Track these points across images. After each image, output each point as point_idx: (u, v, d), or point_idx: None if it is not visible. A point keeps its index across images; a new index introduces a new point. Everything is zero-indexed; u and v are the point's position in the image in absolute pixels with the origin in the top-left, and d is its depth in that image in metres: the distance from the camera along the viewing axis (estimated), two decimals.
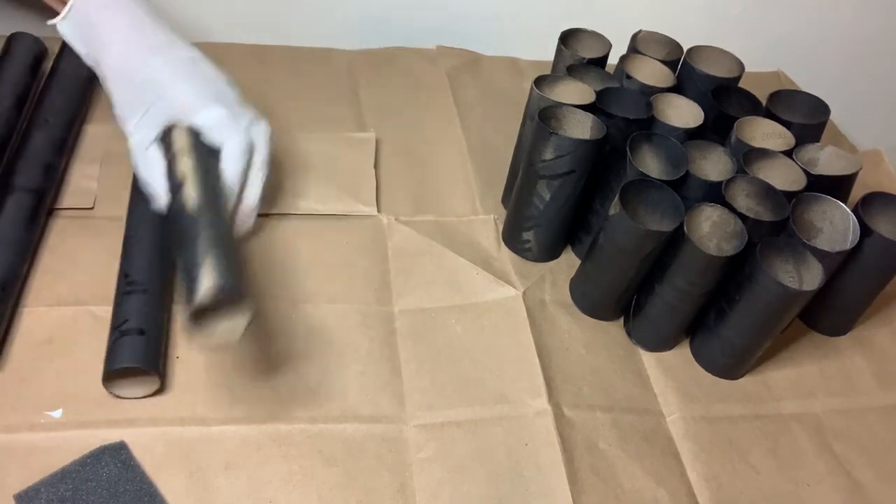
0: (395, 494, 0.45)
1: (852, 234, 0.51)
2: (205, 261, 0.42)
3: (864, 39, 0.94)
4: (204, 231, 0.44)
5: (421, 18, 0.83)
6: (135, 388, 0.47)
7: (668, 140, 0.54)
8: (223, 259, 0.42)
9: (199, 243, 0.43)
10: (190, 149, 0.50)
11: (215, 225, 0.46)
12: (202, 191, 0.48)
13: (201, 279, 0.40)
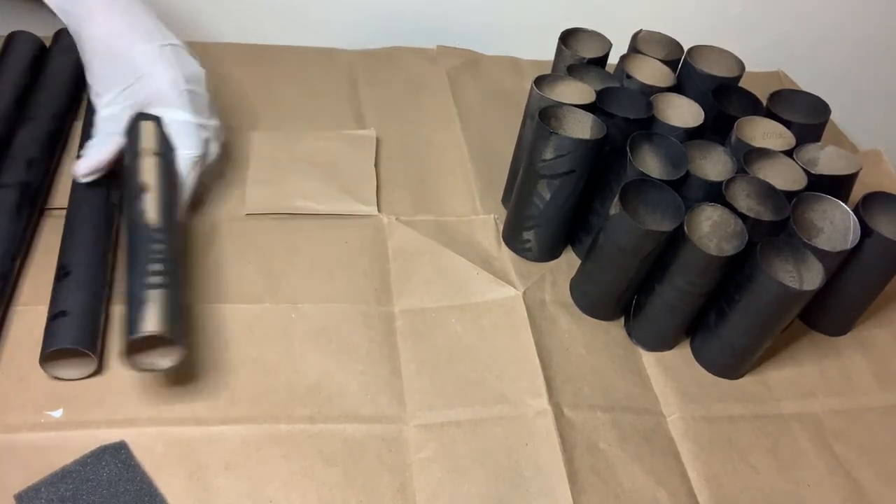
0: (395, 494, 0.45)
1: (853, 234, 0.51)
2: (149, 299, 0.44)
3: (864, 39, 0.94)
4: (154, 257, 0.46)
5: (421, 18, 0.83)
6: (76, 367, 0.47)
7: (668, 140, 0.54)
8: (168, 302, 0.45)
9: (148, 271, 0.46)
10: (156, 152, 0.51)
11: (168, 250, 0.48)
12: (162, 207, 0.49)
13: (144, 319, 0.43)
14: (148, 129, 0.52)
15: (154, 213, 0.49)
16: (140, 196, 0.49)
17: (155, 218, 0.48)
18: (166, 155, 0.52)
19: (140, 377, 0.48)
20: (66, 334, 0.46)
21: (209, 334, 0.51)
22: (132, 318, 0.43)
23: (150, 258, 0.46)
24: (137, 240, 0.47)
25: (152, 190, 0.50)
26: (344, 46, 0.79)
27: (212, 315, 0.52)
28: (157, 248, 0.47)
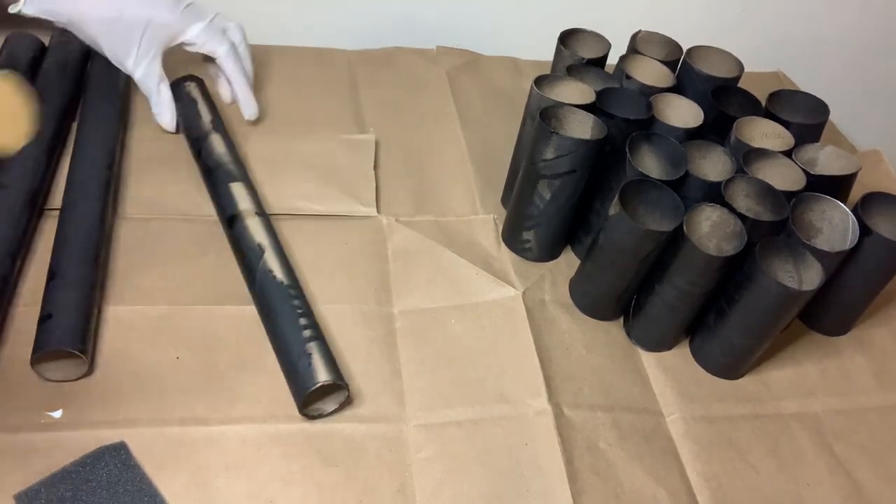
0: (395, 494, 0.45)
1: (852, 234, 0.51)
2: (312, 352, 0.48)
3: (864, 39, 0.94)
4: (299, 312, 0.50)
5: (421, 18, 0.83)
6: (69, 369, 0.47)
7: (668, 140, 0.54)
8: (325, 352, 0.48)
9: (300, 326, 0.49)
10: (256, 212, 0.57)
11: (304, 303, 0.51)
12: (283, 264, 0.53)
13: (316, 371, 0.46)
14: (238, 191, 0.57)
15: (280, 271, 0.52)
16: (262, 256, 0.53)
17: (282, 275, 0.52)
18: (263, 214, 0.57)
19: (140, 377, 0.48)
20: (52, 337, 0.46)
21: (209, 335, 0.51)
22: (302, 372, 0.47)
23: (297, 314, 0.50)
24: (277, 299, 0.51)
25: (269, 248, 0.54)
26: (344, 46, 0.79)
27: (211, 316, 0.52)
28: (296, 303, 0.50)
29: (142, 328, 0.51)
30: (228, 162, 0.60)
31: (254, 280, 0.52)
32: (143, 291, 0.53)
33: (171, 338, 0.51)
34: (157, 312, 0.52)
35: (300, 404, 0.47)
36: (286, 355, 0.48)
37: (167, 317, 0.52)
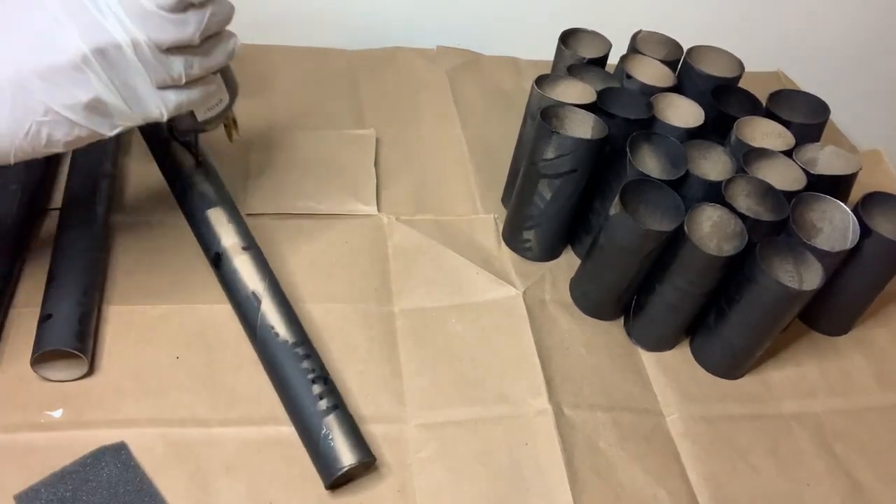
0: (395, 494, 0.45)
1: (852, 234, 0.51)
2: (332, 427, 0.45)
3: (864, 39, 0.94)
4: (311, 377, 0.47)
5: (421, 18, 0.83)
6: (69, 369, 0.47)
7: (668, 140, 0.54)
8: (347, 423, 0.45)
9: (313, 395, 0.46)
10: (243, 246, 0.52)
11: (314, 360, 0.48)
12: (285, 315, 0.49)
13: (340, 453, 0.44)
14: (218, 220, 0.53)
15: (282, 326, 0.48)
16: (259, 308, 0.49)
17: (286, 332, 0.48)
18: (252, 247, 0.52)
19: (140, 377, 0.48)
20: (51, 337, 0.46)
21: (209, 335, 0.51)
22: (326, 455, 0.44)
23: (308, 380, 0.46)
24: (284, 363, 0.47)
25: (266, 297, 0.49)
26: (344, 46, 0.79)
27: (211, 316, 0.52)
28: (306, 366, 0.47)
29: (142, 328, 0.51)
30: (201, 180, 0.55)
31: (255, 335, 0.49)
32: (143, 291, 0.53)
33: (171, 338, 0.51)
34: (157, 312, 0.52)
35: (327, 486, 0.44)
36: (304, 430, 0.46)
37: (167, 317, 0.52)
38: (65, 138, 0.39)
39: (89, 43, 0.37)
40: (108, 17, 0.38)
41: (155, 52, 0.40)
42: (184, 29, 0.41)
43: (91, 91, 0.38)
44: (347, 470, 0.43)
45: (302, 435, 0.46)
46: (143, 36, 0.39)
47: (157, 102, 0.42)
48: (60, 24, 0.37)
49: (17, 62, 0.37)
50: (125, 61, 0.39)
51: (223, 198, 0.55)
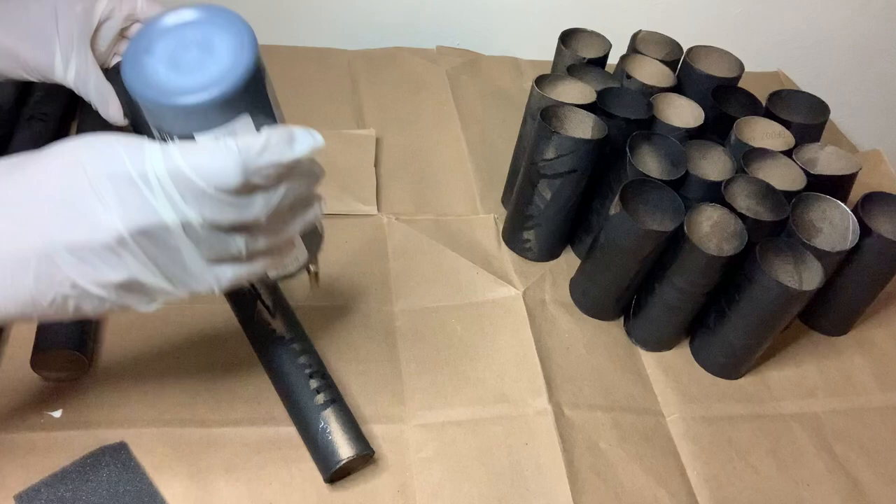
0: (395, 494, 0.45)
1: (852, 234, 0.51)
2: (329, 422, 0.45)
3: (864, 39, 0.94)
4: (308, 372, 0.47)
5: (421, 18, 0.83)
6: (68, 368, 0.47)
7: (668, 140, 0.54)
8: (344, 417, 0.45)
9: (311, 389, 0.46)
10: None
11: (311, 357, 0.47)
12: (282, 312, 0.49)
13: (338, 446, 0.44)
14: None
15: (279, 322, 0.48)
16: (255, 306, 0.48)
17: (283, 328, 0.48)
18: None
19: (140, 377, 0.48)
20: (51, 337, 0.46)
21: (209, 336, 0.51)
22: (324, 448, 0.44)
23: (306, 374, 0.46)
24: (282, 358, 0.47)
25: (263, 292, 0.49)
26: (344, 46, 0.79)
27: (211, 316, 0.52)
28: (303, 361, 0.47)
29: (142, 328, 0.51)
30: None
31: (252, 333, 0.49)
32: None
33: (171, 338, 0.51)
34: (157, 312, 0.52)
35: (326, 479, 0.45)
36: (302, 424, 0.46)
37: (167, 317, 0.52)
38: (94, 311, 0.35)
39: (129, 223, 0.32)
40: (157, 194, 0.32)
41: (210, 231, 0.33)
42: (247, 211, 0.34)
43: (125, 272, 0.33)
44: (345, 463, 0.44)
45: (300, 429, 0.46)
46: (197, 216, 0.32)
47: (208, 279, 0.35)
48: (101, 199, 0.32)
49: (46, 233, 0.32)
50: (172, 240, 0.33)
51: None
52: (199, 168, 0.31)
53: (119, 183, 0.31)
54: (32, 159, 0.32)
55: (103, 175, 0.31)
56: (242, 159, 0.32)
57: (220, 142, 0.32)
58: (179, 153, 0.31)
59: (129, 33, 0.56)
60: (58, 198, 0.32)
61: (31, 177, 0.32)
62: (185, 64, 0.33)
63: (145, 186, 0.31)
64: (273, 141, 0.33)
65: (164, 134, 0.34)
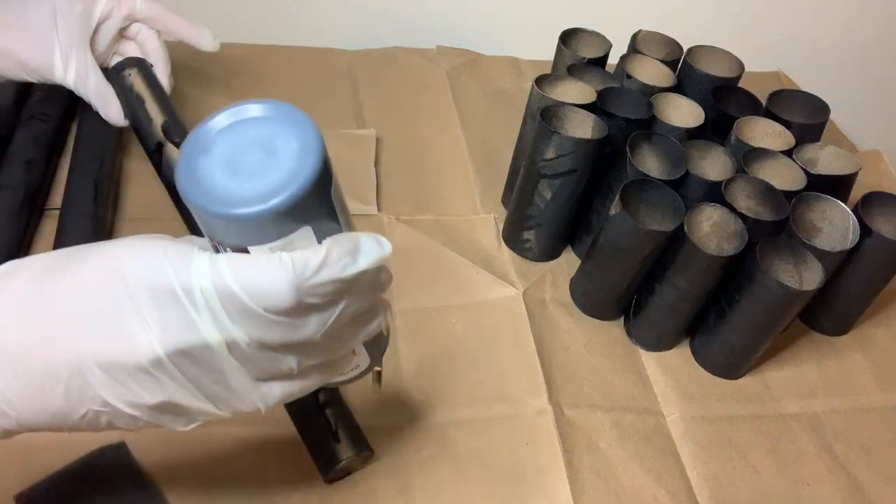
0: (396, 495, 0.45)
1: (852, 234, 0.51)
2: (340, 429, 0.45)
3: (864, 39, 0.94)
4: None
5: (421, 18, 0.83)
6: None
7: (668, 140, 0.54)
8: (344, 418, 0.45)
9: (321, 400, 0.45)
10: None
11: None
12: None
13: (337, 451, 0.44)
14: None
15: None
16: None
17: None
18: None
19: None
20: None
21: None
22: (324, 448, 0.44)
23: (317, 396, 0.46)
24: None
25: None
26: (344, 46, 0.79)
27: None
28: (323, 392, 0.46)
29: None
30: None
31: None
32: None
33: None
34: None
35: (326, 480, 0.45)
36: (302, 425, 0.46)
37: None
38: (128, 427, 0.32)
39: (168, 344, 0.29)
40: (201, 311, 0.29)
41: (258, 350, 0.30)
42: (300, 331, 0.30)
43: (161, 394, 0.31)
44: (345, 463, 0.44)
45: (300, 429, 0.46)
46: (244, 336, 0.30)
47: (254, 398, 0.32)
48: (139, 314, 0.29)
49: (79, 346, 0.30)
50: (215, 361, 0.30)
51: None
52: (248, 286, 0.28)
53: (161, 297, 0.29)
54: (76, 258, 0.31)
55: (145, 287, 0.29)
56: (297, 278, 0.28)
57: (275, 256, 0.29)
58: (229, 268, 0.29)
59: (127, 33, 0.57)
60: (94, 309, 0.30)
61: (71, 281, 0.30)
62: (245, 168, 0.30)
63: (189, 302, 0.29)
64: (334, 255, 0.30)
65: (215, 242, 0.32)
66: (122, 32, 0.56)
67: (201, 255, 0.29)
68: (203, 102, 0.69)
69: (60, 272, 0.30)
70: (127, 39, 0.57)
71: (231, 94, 0.71)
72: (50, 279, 0.30)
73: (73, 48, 0.51)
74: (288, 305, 0.29)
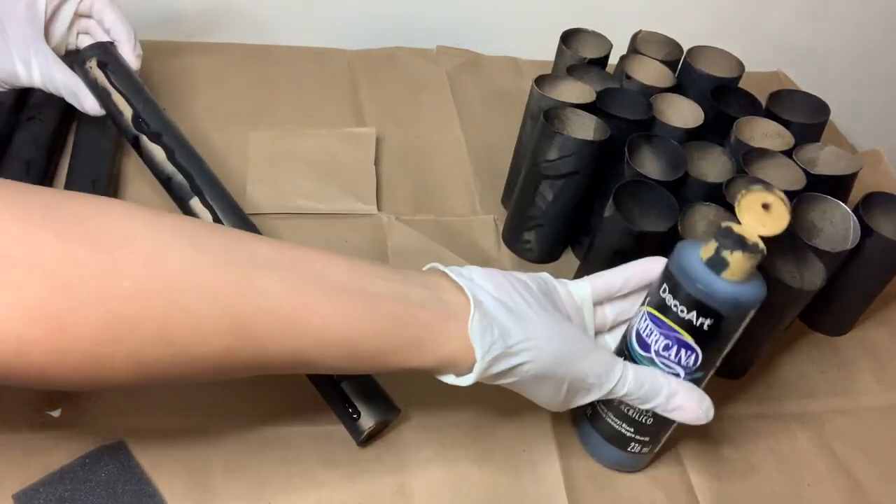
0: (395, 495, 0.45)
1: (853, 234, 0.51)
2: (358, 402, 0.46)
3: (864, 40, 0.94)
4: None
5: (421, 18, 0.83)
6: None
7: (668, 142, 0.54)
8: (370, 392, 0.46)
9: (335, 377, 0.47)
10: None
11: None
12: None
13: (361, 420, 0.46)
14: (199, 211, 0.50)
15: None
16: None
17: None
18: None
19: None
20: None
21: None
22: (348, 423, 0.46)
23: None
24: None
25: None
26: (344, 46, 0.79)
27: None
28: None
29: None
30: (174, 172, 0.51)
31: None
32: None
33: None
34: None
35: (359, 443, 0.47)
36: (325, 396, 0.47)
37: None
38: None
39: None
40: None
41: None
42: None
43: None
44: (369, 432, 0.46)
45: (327, 402, 0.47)
46: None
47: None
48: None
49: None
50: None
51: (205, 185, 0.52)
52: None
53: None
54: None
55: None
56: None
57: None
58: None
59: (81, 9, 0.54)
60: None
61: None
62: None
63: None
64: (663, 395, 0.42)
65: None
66: (77, 12, 0.54)
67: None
68: (202, 102, 0.69)
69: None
70: (85, 17, 0.56)
71: (231, 94, 0.71)
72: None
73: (30, 49, 0.50)
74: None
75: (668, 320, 0.41)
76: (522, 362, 0.39)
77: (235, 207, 0.53)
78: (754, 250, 0.38)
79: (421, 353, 0.38)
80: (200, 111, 0.68)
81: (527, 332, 0.39)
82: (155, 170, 0.52)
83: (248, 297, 0.34)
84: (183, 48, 0.74)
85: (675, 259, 0.41)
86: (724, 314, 0.39)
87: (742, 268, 0.38)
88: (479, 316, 0.38)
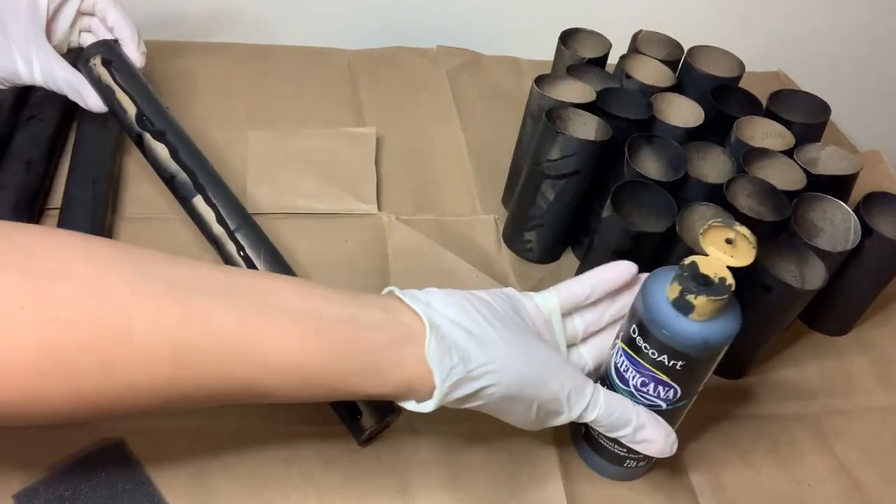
0: (395, 496, 0.45)
1: (853, 234, 0.51)
2: (360, 402, 0.46)
3: (865, 39, 0.94)
4: None
5: (421, 18, 0.83)
6: None
7: (668, 142, 0.54)
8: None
9: None
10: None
11: None
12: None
13: (362, 420, 0.46)
14: (203, 209, 0.51)
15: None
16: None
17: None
18: (235, 230, 0.51)
19: None
20: None
21: None
22: (350, 423, 0.46)
23: None
24: None
25: (259, 265, 0.50)
26: (344, 46, 0.79)
27: None
28: None
29: None
30: (177, 170, 0.52)
31: None
32: None
33: None
34: None
35: (360, 443, 0.47)
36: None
37: None
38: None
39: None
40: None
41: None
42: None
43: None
44: (371, 432, 0.46)
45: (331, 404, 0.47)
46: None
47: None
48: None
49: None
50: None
51: (208, 184, 0.52)
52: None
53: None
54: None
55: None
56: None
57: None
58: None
59: (84, 7, 0.54)
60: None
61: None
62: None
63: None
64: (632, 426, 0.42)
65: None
66: (80, 10, 0.54)
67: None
68: (203, 102, 0.69)
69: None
70: (87, 15, 0.55)
71: (231, 94, 0.71)
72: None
73: (31, 46, 0.50)
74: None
75: (641, 360, 0.40)
76: (486, 385, 0.38)
77: (238, 206, 0.53)
78: (720, 291, 0.37)
79: (380, 377, 0.37)
80: (201, 111, 0.68)
81: (489, 354, 0.38)
82: (158, 168, 0.52)
83: (193, 324, 0.33)
84: (183, 48, 0.74)
85: (643, 298, 0.39)
86: (695, 356, 0.39)
87: (708, 309, 0.37)
88: (435, 340, 0.37)
